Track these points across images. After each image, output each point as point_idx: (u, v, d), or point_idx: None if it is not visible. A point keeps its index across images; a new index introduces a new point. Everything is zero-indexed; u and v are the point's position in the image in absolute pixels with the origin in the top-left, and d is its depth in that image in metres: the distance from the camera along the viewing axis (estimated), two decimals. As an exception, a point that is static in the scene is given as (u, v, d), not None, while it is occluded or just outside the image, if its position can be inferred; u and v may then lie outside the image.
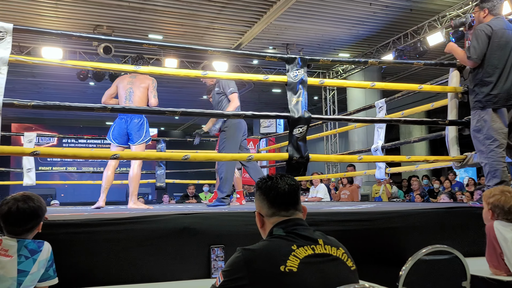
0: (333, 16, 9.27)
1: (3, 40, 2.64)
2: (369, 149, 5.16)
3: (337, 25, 9.73)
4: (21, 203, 1.94)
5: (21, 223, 1.94)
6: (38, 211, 1.98)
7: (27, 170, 6.57)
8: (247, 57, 11.31)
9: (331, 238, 1.56)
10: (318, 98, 14.56)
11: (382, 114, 4.93)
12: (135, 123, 4.40)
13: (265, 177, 1.67)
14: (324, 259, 1.46)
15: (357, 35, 10.42)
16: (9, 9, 8.50)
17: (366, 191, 10.39)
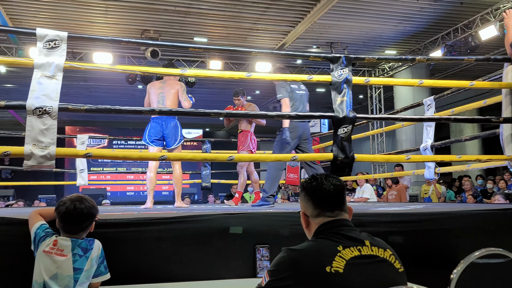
0: (379, 13, 9.07)
1: (59, 48, 2.76)
2: (417, 148, 5.03)
3: (383, 21, 9.52)
4: (77, 203, 2.04)
5: (79, 222, 2.04)
6: (93, 211, 2.08)
7: (80, 171, 6.86)
8: (291, 57, 11.28)
9: (378, 239, 1.54)
10: (363, 96, 14.30)
11: (431, 112, 4.78)
12: (171, 127, 4.54)
13: (310, 177, 1.66)
14: (371, 260, 1.44)
15: (404, 32, 10.15)
16: (63, 18, 8.90)
17: (415, 191, 10.10)
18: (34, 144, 2.57)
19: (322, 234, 1.52)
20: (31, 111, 2.56)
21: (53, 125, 2.61)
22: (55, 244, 1.98)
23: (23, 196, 11.25)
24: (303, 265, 1.40)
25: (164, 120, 4.55)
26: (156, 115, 4.52)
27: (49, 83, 2.67)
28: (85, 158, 6.79)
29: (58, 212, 2.04)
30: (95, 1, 8.27)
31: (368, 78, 3.71)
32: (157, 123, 4.58)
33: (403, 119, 4.35)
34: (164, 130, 4.55)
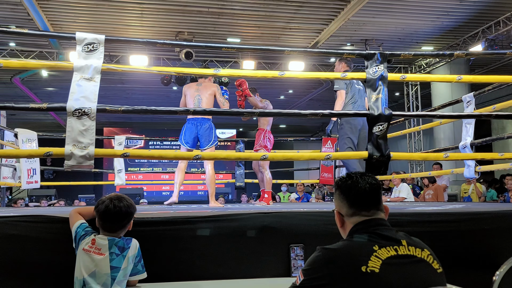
0: (415, 8, 8.86)
1: (97, 51, 2.85)
2: (456, 147, 4.89)
3: (419, 17, 9.30)
4: (116, 201, 2.09)
5: (118, 220, 2.09)
6: (131, 209, 2.13)
7: (118, 171, 7.04)
8: (324, 55, 11.18)
9: (415, 239, 1.51)
10: (399, 94, 14.02)
11: (470, 109, 4.64)
12: (205, 128, 4.64)
13: (345, 176, 1.64)
14: (408, 260, 1.41)
15: (442, 27, 9.88)
16: (100, 22, 9.15)
17: (454, 190, 9.83)
18: (74, 144, 2.66)
19: (357, 233, 1.50)
20: (71, 112, 2.65)
21: (92, 126, 2.69)
22: (93, 243, 2.04)
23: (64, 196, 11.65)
24: (338, 264, 1.39)
25: (199, 122, 4.65)
26: (190, 115, 4.60)
27: (87, 85, 2.75)
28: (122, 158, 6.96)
29: (98, 211, 2.09)
30: (131, 5, 8.46)
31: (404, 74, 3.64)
32: (192, 124, 4.68)
33: (441, 116, 4.23)
34: (198, 131, 4.66)
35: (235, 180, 7.00)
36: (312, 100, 14.89)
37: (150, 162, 17.08)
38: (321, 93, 13.87)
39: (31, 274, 2.24)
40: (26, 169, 5.92)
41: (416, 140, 12.88)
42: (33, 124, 15.92)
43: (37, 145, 6.24)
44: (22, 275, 2.23)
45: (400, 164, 13.62)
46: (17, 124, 9.46)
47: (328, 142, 7.27)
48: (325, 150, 7.08)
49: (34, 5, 8.05)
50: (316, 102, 15.17)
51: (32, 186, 6.24)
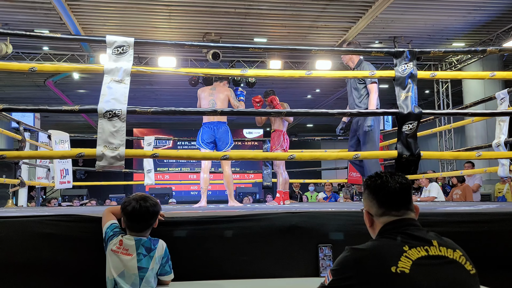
0: (445, 4, 8.66)
1: (126, 53, 2.90)
2: (489, 145, 4.77)
3: (450, 13, 9.08)
4: (142, 202, 2.12)
5: (145, 219, 2.12)
6: (157, 208, 2.17)
7: (147, 171, 7.15)
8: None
9: (446, 239, 1.47)
10: (429, 91, 13.74)
11: (504, 106, 4.51)
12: (222, 131, 4.79)
13: (374, 175, 1.63)
14: (439, 261, 1.38)
15: (473, 22, 9.62)
16: (129, 25, 9.32)
17: (487, 190, 9.57)
18: (105, 145, 2.72)
19: (387, 233, 1.48)
20: (102, 114, 2.71)
21: (122, 127, 2.75)
22: (120, 244, 2.08)
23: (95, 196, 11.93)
24: (367, 265, 1.37)
25: (215, 125, 4.78)
26: (218, 115, 4.65)
27: (118, 87, 2.81)
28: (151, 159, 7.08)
29: (125, 212, 2.12)
30: (159, 7, 8.59)
31: (434, 72, 3.56)
32: (209, 128, 4.81)
33: (473, 114, 4.12)
34: (215, 134, 4.78)
35: (262, 180, 7.02)
36: (340, 99, 14.75)
37: (179, 162, 17.28)
38: (349, 91, 13.71)
39: (64, 273, 2.30)
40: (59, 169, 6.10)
41: (447, 138, 12.60)
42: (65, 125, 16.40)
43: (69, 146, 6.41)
44: (56, 273, 2.29)
45: (430, 163, 13.35)
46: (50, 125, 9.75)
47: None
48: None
49: (66, 9, 8.27)
50: (344, 100, 14.93)
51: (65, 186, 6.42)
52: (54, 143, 6.10)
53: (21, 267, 2.26)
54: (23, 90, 13.61)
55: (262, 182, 7.03)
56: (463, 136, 12.36)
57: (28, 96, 14.04)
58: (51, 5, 8.01)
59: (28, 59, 10.40)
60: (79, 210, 4.05)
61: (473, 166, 8.16)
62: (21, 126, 5.52)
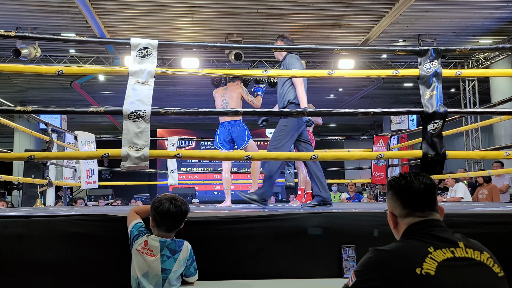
0: (471, 0, 8.48)
1: (150, 55, 2.95)
2: (518, 144, 4.65)
3: (476, 9, 8.88)
4: (177, 202, 2.14)
5: (178, 219, 2.15)
6: (188, 208, 2.19)
7: (171, 171, 7.23)
8: (375, 52, 10.94)
9: (473, 241, 1.45)
10: (455, 90, 13.48)
11: (533, 104, 4.39)
12: (237, 130, 4.84)
13: (398, 175, 1.61)
14: (466, 263, 1.36)
15: (501, 19, 9.38)
16: (153, 27, 9.44)
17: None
18: (130, 146, 2.77)
19: (411, 234, 1.47)
20: (126, 115, 2.76)
21: (147, 128, 2.79)
22: (146, 244, 2.10)
23: (120, 195, 12.13)
24: (392, 266, 1.36)
25: (230, 125, 4.85)
26: (242, 115, 4.68)
27: (142, 89, 2.85)
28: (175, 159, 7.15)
29: (159, 212, 2.12)
30: (182, 9, 8.67)
31: (459, 70, 3.49)
32: (225, 127, 4.88)
33: (501, 112, 4.02)
34: (232, 133, 4.86)
35: (284, 180, 7.00)
36: (363, 98, 14.61)
37: (202, 162, 17.40)
38: (372, 90, 13.59)
39: (90, 271, 2.34)
40: (85, 170, 6.22)
41: (473, 137, 12.32)
42: (91, 126, 16.72)
43: (95, 146, 6.54)
44: (82, 271, 2.34)
45: (456, 163, 13.08)
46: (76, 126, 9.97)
47: (380, 140, 7.12)
48: (377, 149, 6.94)
49: (92, 13, 8.44)
50: (367, 100, 14.89)
51: (90, 186, 6.55)
52: (80, 144, 6.23)
53: (49, 266, 2.31)
54: (50, 92, 13.95)
55: (285, 182, 7.01)
56: (490, 135, 12.07)
57: (55, 98, 14.39)
58: (78, 9, 8.18)
59: (55, 61, 10.65)
60: (105, 209, 4.12)
61: (502, 166, 7.97)
62: (49, 127, 5.66)
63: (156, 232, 2.16)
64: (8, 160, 5.79)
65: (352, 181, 9.22)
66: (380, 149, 6.83)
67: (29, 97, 14.41)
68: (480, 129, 12.05)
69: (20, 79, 12.60)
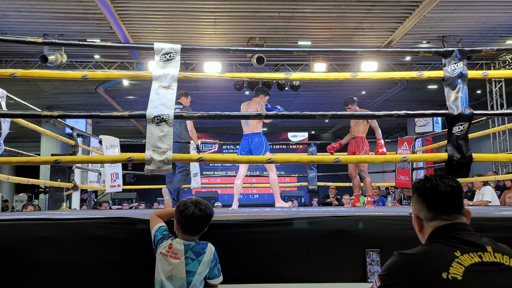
0: (497, 0, 8.32)
1: (174, 60, 2.98)
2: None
3: (502, 9, 8.69)
4: (201, 206, 2.15)
5: (204, 223, 2.16)
6: (212, 211, 2.20)
7: (194, 175, 7.28)
8: (399, 54, 10.82)
9: (502, 245, 1.41)
10: (482, 92, 13.20)
11: None
12: (255, 142, 5.19)
13: (423, 178, 1.58)
14: (494, 268, 1.32)
15: (529, 18, 9.18)
16: (176, 31, 9.55)
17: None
18: (153, 150, 2.80)
19: (437, 238, 1.44)
20: (150, 119, 2.80)
21: (170, 132, 2.82)
22: (170, 247, 2.12)
23: (144, 199, 12.25)
24: (417, 270, 1.34)
25: (250, 137, 5.23)
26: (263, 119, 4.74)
27: (165, 93, 2.89)
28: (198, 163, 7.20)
29: (184, 215, 2.13)
30: (205, 14, 8.75)
31: (486, 71, 3.42)
32: (245, 140, 5.26)
33: (530, 114, 3.93)
34: (250, 144, 5.20)
35: (307, 183, 6.98)
36: (387, 101, 14.43)
37: (224, 166, 17.46)
38: (396, 92, 13.41)
39: (115, 273, 2.38)
40: (109, 173, 6.31)
41: (501, 140, 12.04)
42: (115, 130, 16.96)
43: (119, 150, 6.63)
44: (107, 273, 2.38)
45: (483, 166, 12.80)
46: (101, 131, 10.13)
47: (404, 143, 7.02)
48: (401, 152, 6.85)
49: (117, 19, 8.60)
50: (391, 102, 14.70)
51: (115, 190, 6.64)
52: (105, 148, 6.33)
53: (74, 267, 2.36)
54: (76, 97, 14.25)
55: (308, 186, 6.99)
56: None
57: (80, 103, 14.68)
58: (102, 15, 8.35)
59: (80, 67, 10.88)
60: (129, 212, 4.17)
61: (530, 169, 7.74)
62: (75, 132, 5.77)
63: (180, 235, 2.17)
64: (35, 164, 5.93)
65: (376, 184, 9.10)
66: (405, 152, 6.73)
67: (55, 102, 14.74)
68: (507, 131, 11.77)
69: (47, 85, 12.91)
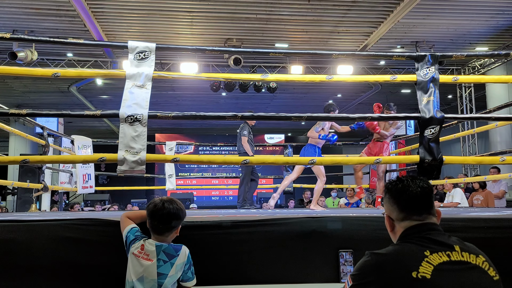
0: (468, 8, 8.54)
1: (148, 59, 2.95)
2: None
3: (472, 17, 8.94)
4: (167, 203, 2.13)
5: (165, 221, 2.11)
6: (180, 213, 2.15)
7: (169, 176, 7.21)
8: (373, 58, 11.00)
9: (469, 244, 1.45)
10: (453, 96, 13.53)
11: (529, 110, 4.41)
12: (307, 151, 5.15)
13: (395, 179, 1.61)
14: (462, 267, 1.36)
15: (497, 26, 9.44)
16: (152, 31, 9.45)
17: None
18: (126, 150, 2.75)
19: (408, 238, 1.46)
20: (123, 119, 2.75)
21: (144, 132, 2.78)
22: (142, 248, 2.08)
23: (118, 201, 12.07)
24: (388, 269, 1.36)
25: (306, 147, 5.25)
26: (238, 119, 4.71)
27: (139, 92, 2.85)
28: (173, 164, 7.14)
29: (147, 209, 2.14)
30: (181, 14, 8.68)
31: (456, 76, 3.52)
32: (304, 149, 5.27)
33: (496, 118, 4.04)
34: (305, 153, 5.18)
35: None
36: (362, 104, 14.64)
37: (200, 167, 17.36)
38: (371, 96, 13.61)
39: (85, 275, 2.33)
40: (81, 174, 6.18)
41: (470, 143, 12.37)
42: (89, 131, 16.69)
43: (92, 151, 6.51)
44: (77, 276, 2.33)
45: (454, 169, 13.11)
46: (73, 131, 9.93)
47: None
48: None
49: (90, 17, 8.44)
50: (366, 105, 14.90)
51: (87, 191, 6.51)
52: (77, 148, 6.20)
53: (45, 270, 2.30)
54: (47, 96, 13.94)
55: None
56: (487, 142, 12.13)
57: (52, 102, 14.37)
58: (76, 12, 8.18)
59: (52, 65, 10.64)
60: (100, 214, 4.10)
61: (498, 172, 7.97)
62: (45, 131, 5.63)
63: (152, 236, 2.15)
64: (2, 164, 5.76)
65: (350, 186, 9.20)
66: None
67: (25, 101, 14.38)
68: (476, 135, 12.12)
69: (16, 83, 12.59)
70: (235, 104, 14.49)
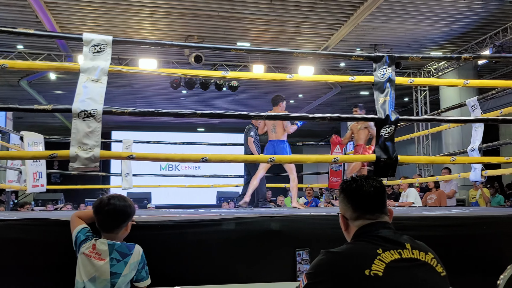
0: (423, 14, 8.84)
1: (104, 52, 2.84)
2: (465, 151, 4.85)
3: (428, 23, 9.26)
4: (113, 200, 2.08)
5: (111, 217, 2.07)
6: (127, 209, 2.10)
7: (125, 175, 7.04)
8: (333, 57, 11.16)
9: (419, 242, 1.49)
10: (409, 99, 13.97)
11: (476, 113, 4.61)
12: (281, 147, 5.45)
13: (349, 179, 1.62)
14: (412, 264, 1.39)
15: (450, 33, 9.84)
16: (109, 25, 9.19)
17: (462, 196, 9.73)
18: (79, 146, 2.64)
19: (361, 236, 1.49)
20: (76, 114, 2.64)
21: (98, 128, 2.67)
22: (94, 248, 2.02)
23: (72, 200, 11.66)
24: (342, 267, 1.37)
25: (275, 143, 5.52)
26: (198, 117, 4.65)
27: (94, 87, 2.74)
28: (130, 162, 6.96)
29: (93, 207, 2.10)
30: (141, 8, 8.50)
31: (412, 78, 3.62)
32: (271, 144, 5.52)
33: (448, 120, 4.18)
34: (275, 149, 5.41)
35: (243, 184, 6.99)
36: (322, 105, 14.86)
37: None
38: (331, 97, 13.83)
39: (32, 277, 2.23)
40: (32, 172, 5.89)
41: (424, 145, 12.84)
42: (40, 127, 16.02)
43: (43, 148, 6.23)
44: (24, 277, 2.23)
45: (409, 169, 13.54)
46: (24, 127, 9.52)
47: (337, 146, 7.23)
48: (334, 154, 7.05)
49: (43, 7, 8.10)
50: (326, 106, 15.15)
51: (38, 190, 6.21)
52: (26, 145, 5.92)
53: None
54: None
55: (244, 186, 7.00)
56: (440, 143, 12.61)
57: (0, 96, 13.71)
58: (27, 2, 7.83)
59: (1, 57, 10.15)
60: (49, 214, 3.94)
61: (450, 172, 8.27)
62: (-9, 127, 5.34)
63: (103, 235, 2.09)
64: None
65: (309, 185, 9.30)
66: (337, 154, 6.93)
67: (-30, 95, 13.70)
68: (430, 137, 12.59)
69: (-40, 75, 11.96)
70: (196, 102, 14.35)
